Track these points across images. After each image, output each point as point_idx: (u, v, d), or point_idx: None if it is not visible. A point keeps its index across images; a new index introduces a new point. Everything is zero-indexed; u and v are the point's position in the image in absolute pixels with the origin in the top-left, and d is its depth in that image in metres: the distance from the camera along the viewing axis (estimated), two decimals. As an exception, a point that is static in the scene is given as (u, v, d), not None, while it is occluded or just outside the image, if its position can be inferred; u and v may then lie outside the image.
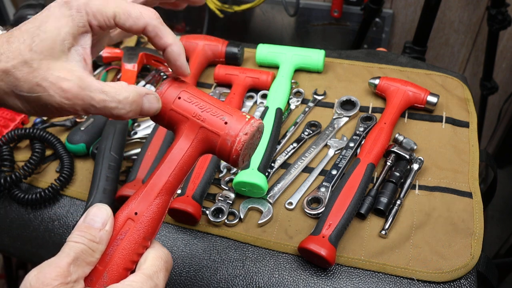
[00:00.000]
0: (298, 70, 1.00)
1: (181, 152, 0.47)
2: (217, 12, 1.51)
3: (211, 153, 0.49)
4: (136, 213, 0.45)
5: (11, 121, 0.91)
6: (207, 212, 0.75)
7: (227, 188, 0.79)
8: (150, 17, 0.49)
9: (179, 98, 0.48)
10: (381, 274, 0.67)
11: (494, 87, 1.53)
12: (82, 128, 0.86)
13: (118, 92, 0.46)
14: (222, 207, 0.76)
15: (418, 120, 0.88)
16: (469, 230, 0.70)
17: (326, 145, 0.85)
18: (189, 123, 0.47)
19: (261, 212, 0.76)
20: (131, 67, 0.95)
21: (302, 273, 0.69)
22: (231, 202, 0.77)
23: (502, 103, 1.65)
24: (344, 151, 0.81)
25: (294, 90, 0.96)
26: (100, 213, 0.44)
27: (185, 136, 0.47)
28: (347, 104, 0.91)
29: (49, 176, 0.85)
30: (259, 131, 0.49)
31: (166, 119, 0.49)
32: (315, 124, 0.88)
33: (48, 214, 0.81)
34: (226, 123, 0.47)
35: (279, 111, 0.86)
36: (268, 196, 0.77)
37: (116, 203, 0.76)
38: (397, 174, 0.76)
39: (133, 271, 0.45)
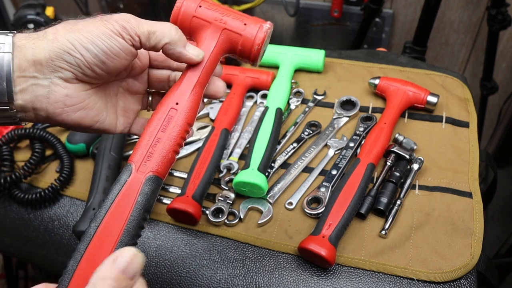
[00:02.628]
0: (298, 70, 1.00)
1: (208, 50, 0.53)
2: (217, 12, 1.51)
3: (232, 53, 0.56)
4: (177, 103, 0.51)
5: (11, 121, 0.91)
6: (207, 212, 0.75)
7: (227, 188, 0.79)
8: None
9: (200, 6, 0.54)
10: (381, 274, 0.67)
11: (494, 87, 1.53)
12: (82, 128, 0.86)
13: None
14: (222, 207, 0.76)
15: (418, 120, 0.88)
16: (469, 230, 0.70)
17: (326, 145, 0.85)
18: (212, 27, 0.53)
19: (261, 212, 0.76)
20: (131, 67, 0.95)
21: (302, 273, 0.69)
22: (231, 202, 0.77)
23: (502, 103, 1.64)
24: (344, 151, 0.81)
25: (294, 90, 0.96)
26: (135, 262, 0.39)
27: (210, 38, 0.54)
28: (347, 104, 0.91)
29: (49, 176, 0.85)
30: (271, 33, 0.56)
31: (188, 27, 0.54)
32: (315, 124, 0.88)
33: (48, 214, 0.81)
34: (245, 24, 0.54)
35: (279, 111, 0.86)
36: (268, 196, 0.77)
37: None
38: (397, 174, 0.76)
39: None
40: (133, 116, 0.59)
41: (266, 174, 0.79)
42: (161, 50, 0.52)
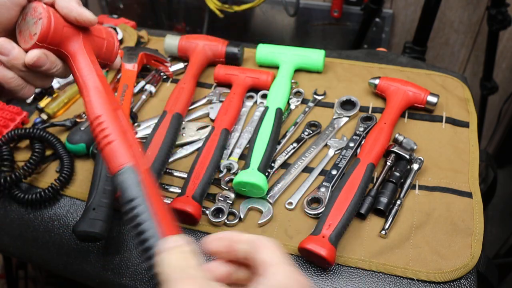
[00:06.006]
0: (298, 70, 1.00)
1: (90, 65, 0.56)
2: (217, 12, 1.51)
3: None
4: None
5: (11, 121, 0.91)
6: (207, 212, 0.75)
7: (227, 188, 0.79)
8: None
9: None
10: (381, 274, 0.67)
11: (494, 87, 1.53)
12: (82, 128, 0.86)
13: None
14: (222, 207, 0.76)
15: (418, 120, 0.88)
16: (469, 230, 0.70)
17: (326, 145, 0.85)
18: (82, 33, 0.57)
19: (261, 212, 0.76)
20: (131, 67, 0.95)
21: (302, 273, 0.69)
22: (231, 202, 0.77)
23: (502, 103, 1.65)
24: (344, 151, 0.81)
25: (294, 90, 0.96)
26: None
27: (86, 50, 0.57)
28: (347, 104, 0.91)
29: (49, 176, 0.85)
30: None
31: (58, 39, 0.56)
32: (315, 124, 0.88)
33: (48, 214, 0.81)
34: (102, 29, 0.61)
35: (279, 111, 0.86)
36: (268, 196, 0.77)
37: (116, 203, 0.76)
38: (397, 174, 0.76)
39: None
40: None
41: (266, 174, 0.79)
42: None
